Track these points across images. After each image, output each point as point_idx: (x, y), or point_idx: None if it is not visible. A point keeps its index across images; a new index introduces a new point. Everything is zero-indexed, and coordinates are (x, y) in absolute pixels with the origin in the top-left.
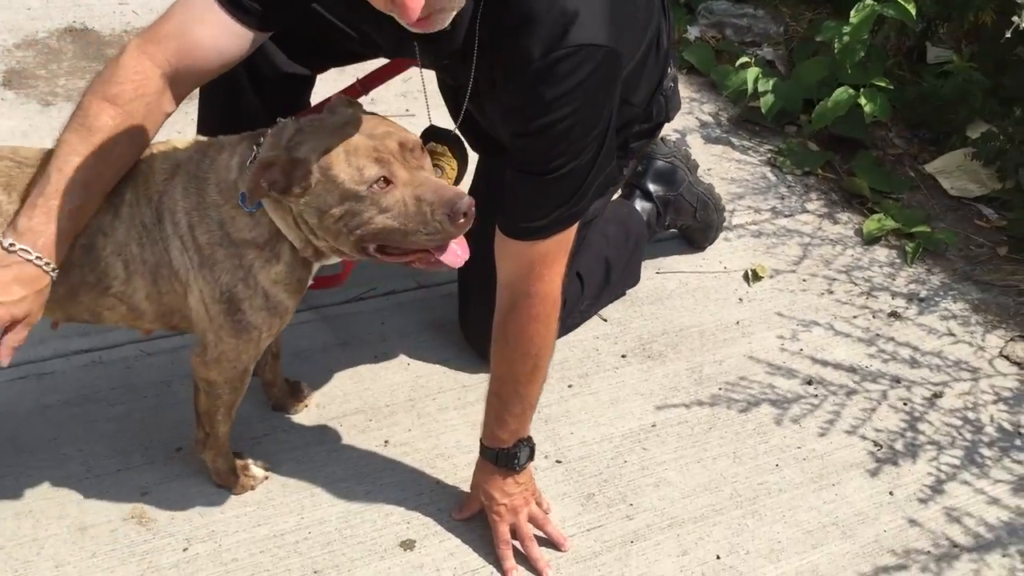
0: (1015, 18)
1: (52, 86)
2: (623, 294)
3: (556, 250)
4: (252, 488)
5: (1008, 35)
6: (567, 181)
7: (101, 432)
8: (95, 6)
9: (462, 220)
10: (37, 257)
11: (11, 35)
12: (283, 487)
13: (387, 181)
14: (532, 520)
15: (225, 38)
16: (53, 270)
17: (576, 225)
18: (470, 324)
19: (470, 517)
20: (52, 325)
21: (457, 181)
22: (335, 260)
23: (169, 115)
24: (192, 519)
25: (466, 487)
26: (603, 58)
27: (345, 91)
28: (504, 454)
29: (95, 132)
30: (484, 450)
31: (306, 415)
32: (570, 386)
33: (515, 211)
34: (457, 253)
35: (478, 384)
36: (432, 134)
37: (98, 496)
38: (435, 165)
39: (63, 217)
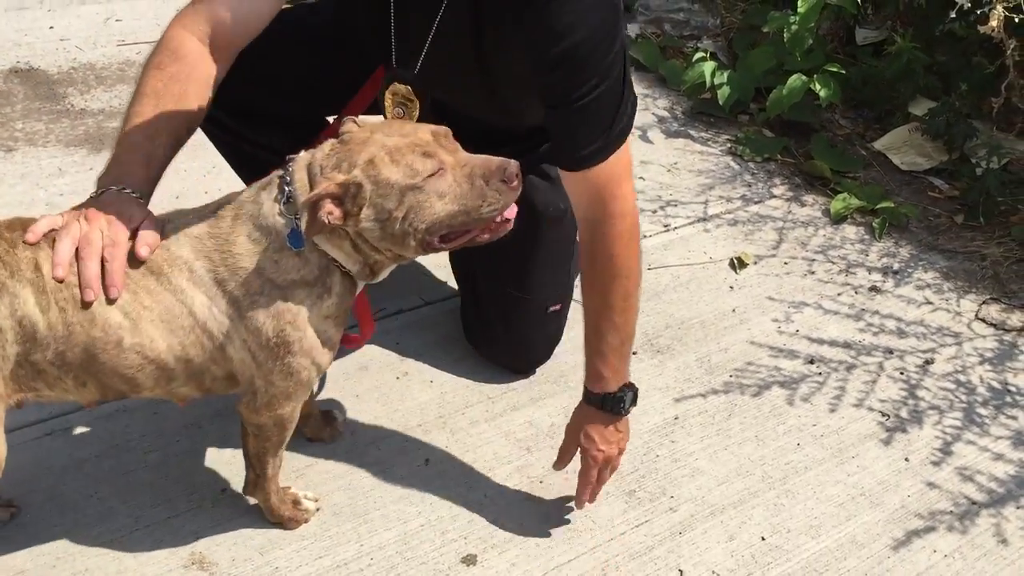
0: None
1: (10, 131)
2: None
3: (620, 168)
4: (306, 521)
5: (952, 15)
6: (606, 100)
7: (141, 481)
8: (36, 44)
9: (515, 183)
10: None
11: None
12: (336, 516)
13: (438, 169)
14: (612, 470)
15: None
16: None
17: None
18: (471, 331)
19: (569, 462)
20: (87, 406)
21: (421, 118)
22: (385, 275)
23: (217, 80)
24: (253, 559)
25: (513, 498)
26: None
27: (326, 132)
28: (610, 399)
29: (161, 96)
30: (589, 395)
31: (343, 443)
32: None
33: (569, 145)
34: (513, 211)
35: (502, 395)
36: (393, 78)
37: (153, 547)
38: (400, 104)
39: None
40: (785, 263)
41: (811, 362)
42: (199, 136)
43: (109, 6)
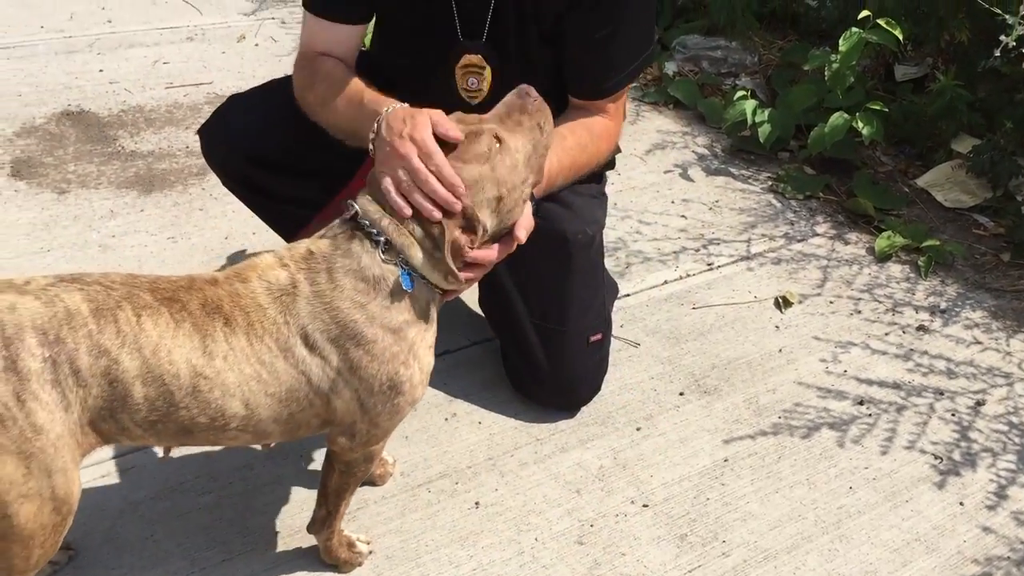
0: (1002, 37)
1: (63, 172)
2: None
3: (622, 102)
4: (359, 564)
5: (997, 53)
6: (643, 19)
7: (196, 523)
8: (86, 87)
9: (535, 98)
10: None
11: (8, 124)
12: (388, 560)
13: (494, 139)
14: None
15: (339, 36)
16: None
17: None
18: (516, 374)
19: None
20: (164, 452)
21: (496, 87)
22: None
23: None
24: None
25: (564, 541)
26: None
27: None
28: None
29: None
30: None
31: (393, 485)
32: (639, 429)
33: (596, 75)
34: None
35: (550, 436)
36: (461, 49)
37: None
38: (473, 75)
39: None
40: (831, 302)
41: (860, 403)
42: None
43: (157, 49)
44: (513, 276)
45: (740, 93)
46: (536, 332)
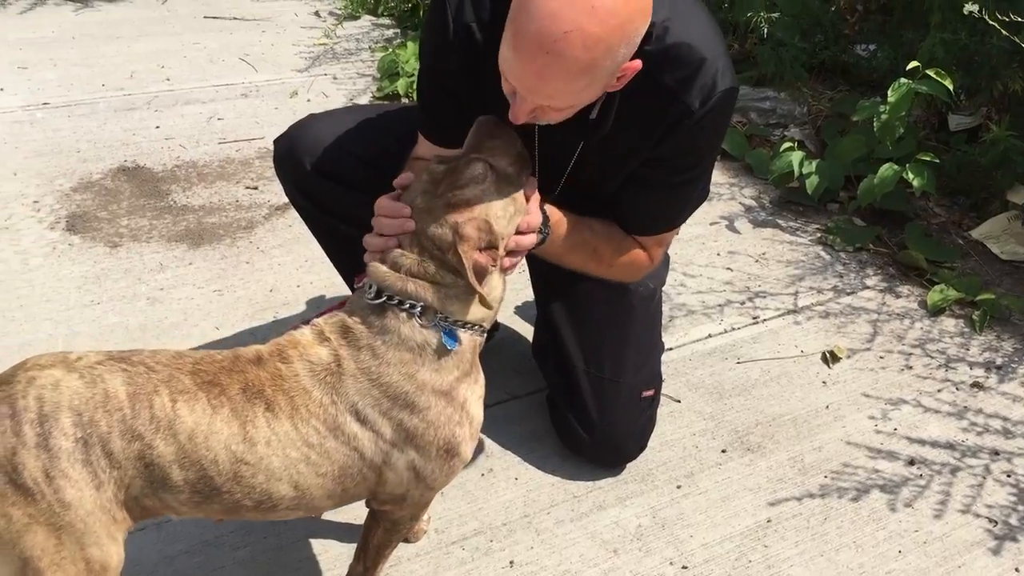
0: None
1: (116, 227)
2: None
3: (668, 237)
4: None
5: None
6: (693, 189)
7: None
8: (142, 143)
9: (488, 122)
10: None
11: (66, 179)
12: None
13: (486, 163)
14: None
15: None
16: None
17: None
18: (562, 421)
19: None
20: (216, 521)
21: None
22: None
23: None
24: None
25: None
26: (735, 96)
27: None
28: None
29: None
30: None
31: (427, 542)
32: (679, 487)
33: (655, 221)
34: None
35: (588, 494)
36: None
37: None
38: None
39: None
40: (880, 357)
41: (912, 463)
42: (294, 231)
43: (212, 105)
44: (571, 323)
45: (787, 144)
46: (590, 382)
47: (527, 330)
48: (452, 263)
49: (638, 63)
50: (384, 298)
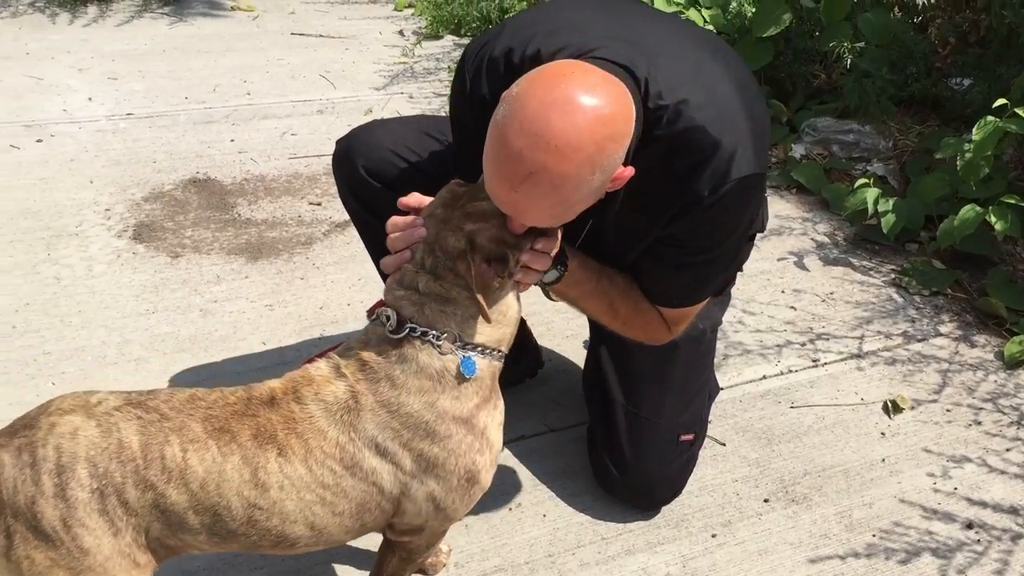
0: None
1: (180, 238)
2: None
3: (693, 312)
4: None
5: None
6: (718, 264)
7: None
8: (216, 156)
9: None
10: None
11: (139, 189)
12: None
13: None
14: None
15: None
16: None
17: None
18: (598, 459)
19: None
20: None
21: None
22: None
23: None
24: None
25: None
26: (758, 182)
27: None
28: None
29: None
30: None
31: (445, 574)
32: (714, 536)
33: (672, 296)
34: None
35: (617, 536)
36: None
37: None
38: None
39: None
40: (947, 410)
41: (970, 527)
42: (351, 249)
43: (287, 121)
44: (615, 357)
45: (862, 180)
46: (627, 418)
47: (578, 360)
48: (461, 272)
49: (630, 170)
50: (400, 327)
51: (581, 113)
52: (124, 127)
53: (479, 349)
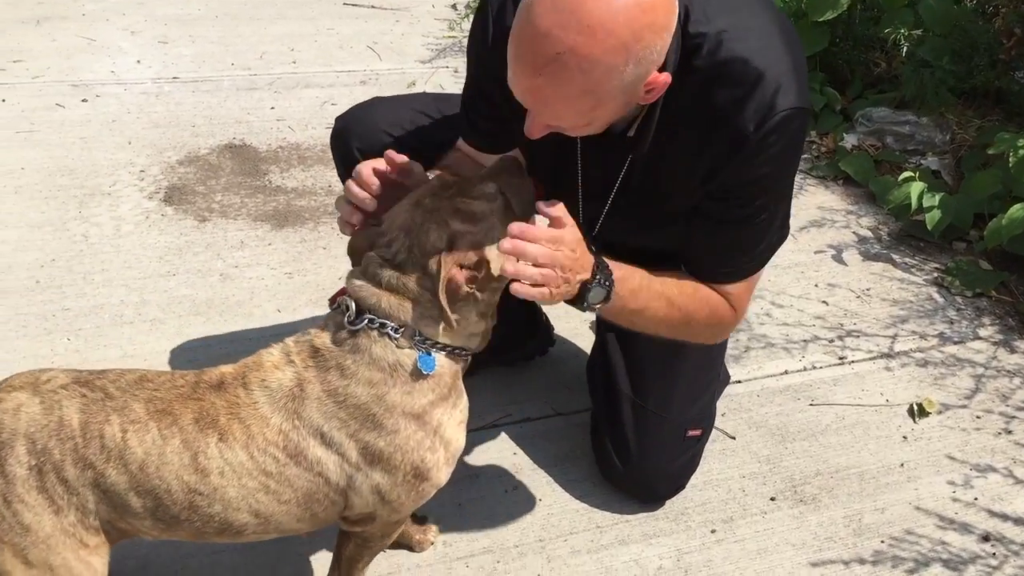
0: None
1: (209, 202)
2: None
3: (755, 281)
4: None
5: None
6: (769, 222)
7: (226, 562)
8: (254, 123)
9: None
10: None
11: (175, 152)
12: None
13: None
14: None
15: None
16: None
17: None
18: (601, 450)
19: None
20: None
21: None
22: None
23: None
24: None
25: None
26: (802, 117)
27: None
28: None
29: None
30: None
31: (432, 553)
32: (713, 531)
33: (728, 262)
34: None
35: (612, 526)
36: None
37: None
38: None
39: None
40: (977, 417)
41: (986, 540)
42: None
43: (330, 91)
44: (623, 347)
45: (907, 174)
46: (632, 411)
47: (588, 346)
48: (430, 269)
49: (667, 76)
50: (359, 318)
51: None
52: (168, 90)
53: (439, 347)
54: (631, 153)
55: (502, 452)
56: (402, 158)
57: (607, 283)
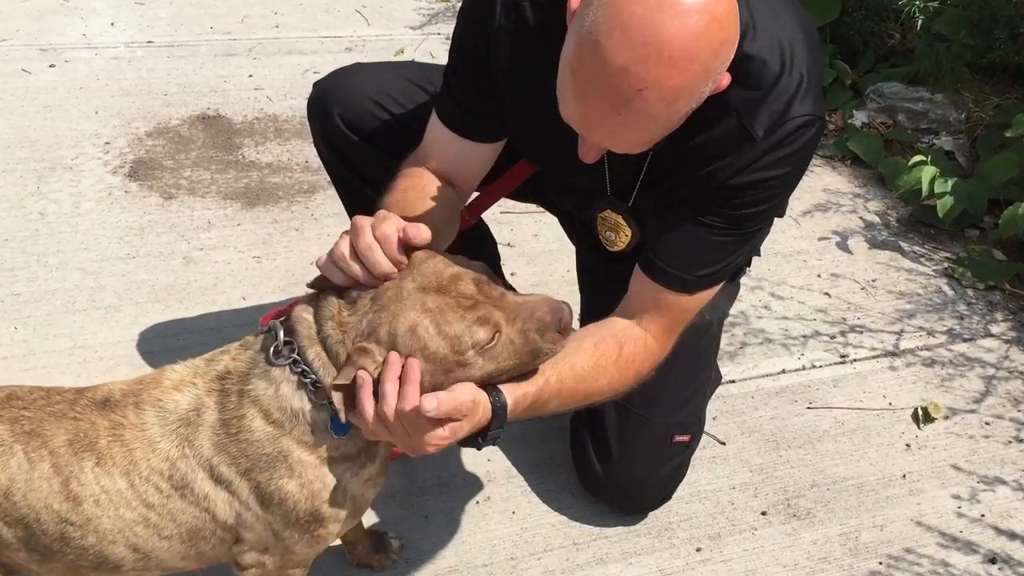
0: None
1: (176, 177)
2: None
3: (695, 308)
4: None
5: None
6: (746, 237)
7: None
8: (230, 92)
9: (568, 330)
10: None
11: (144, 122)
12: None
13: (493, 336)
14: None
15: (467, 153)
16: None
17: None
18: (582, 455)
19: None
20: None
21: (630, 246)
22: None
23: (457, 210)
24: None
25: None
26: (817, 126)
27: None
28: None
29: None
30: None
31: (394, 572)
32: (699, 549)
33: (681, 258)
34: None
35: (590, 542)
36: (604, 206)
37: None
38: (610, 229)
39: None
40: (986, 423)
41: (992, 561)
42: None
43: (312, 58)
44: None
45: (918, 157)
46: (616, 413)
47: None
48: (349, 358)
49: (727, 79)
50: (283, 357)
51: (695, 15)
52: (141, 55)
53: None
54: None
55: (475, 457)
56: (425, 237)
57: (500, 432)
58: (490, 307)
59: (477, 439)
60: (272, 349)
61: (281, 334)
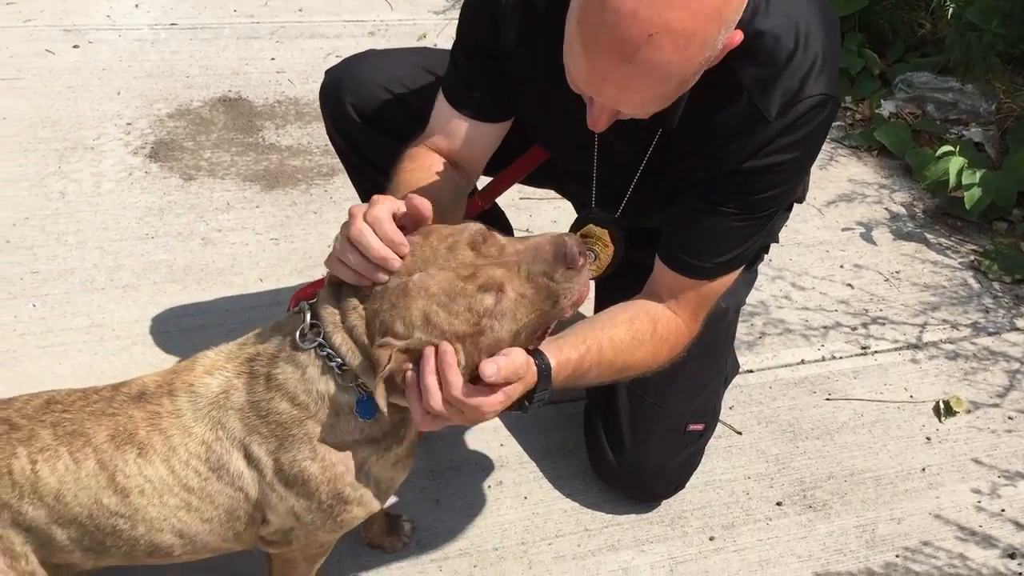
0: None
1: (197, 159)
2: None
3: (718, 291)
4: None
5: None
6: (762, 221)
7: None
8: (252, 75)
9: (581, 260)
10: None
11: (166, 104)
12: None
13: (496, 296)
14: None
15: (473, 132)
16: None
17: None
18: (595, 443)
19: None
20: None
21: (611, 266)
22: None
23: (463, 191)
24: None
25: None
26: (831, 106)
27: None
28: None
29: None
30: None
31: (405, 553)
32: (712, 538)
33: (699, 247)
34: (589, 285)
35: (602, 529)
36: (590, 219)
37: None
38: (589, 250)
39: None
40: (1009, 418)
41: (1011, 556)
42: None
43: (335, 42)
44: None
45: (946, 148)
46: (629, 401)
47: None
48: (375, 357)
49: (739, 34)
50: (310, 339)
51: None
52: (164, 37)
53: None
54: (661, 126)
55: (488, 442)
56: (427, 207)
57: (546, 395)
58: (490, 267)
59: (524, 402)
60: (299, 332)
61: (308, 317)
